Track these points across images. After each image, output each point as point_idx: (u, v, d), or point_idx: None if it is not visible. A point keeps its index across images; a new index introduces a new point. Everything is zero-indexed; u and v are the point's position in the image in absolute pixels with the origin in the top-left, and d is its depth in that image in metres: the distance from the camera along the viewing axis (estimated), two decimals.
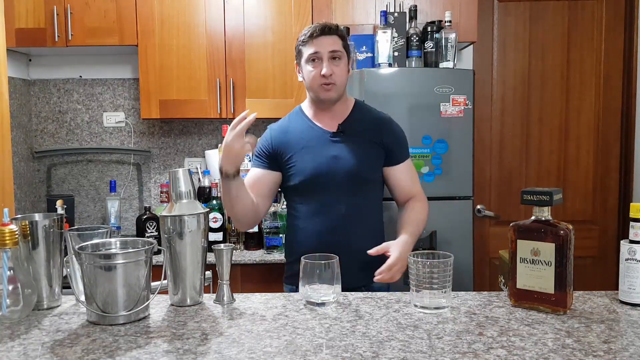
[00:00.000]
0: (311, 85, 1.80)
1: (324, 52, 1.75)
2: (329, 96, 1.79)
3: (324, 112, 1.85)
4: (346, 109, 1.87)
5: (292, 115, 1.94)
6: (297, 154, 1.82)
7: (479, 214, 3.04)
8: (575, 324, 1.23)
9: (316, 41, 1.76)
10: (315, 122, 1.86)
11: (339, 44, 1.78)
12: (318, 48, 1.75)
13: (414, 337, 1.15)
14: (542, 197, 1.32)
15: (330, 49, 1.76)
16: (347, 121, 1.84)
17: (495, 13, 3.05)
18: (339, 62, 1.78)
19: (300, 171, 1.81)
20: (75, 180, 3.11)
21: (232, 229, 2.67)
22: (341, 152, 1.80)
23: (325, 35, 1.76)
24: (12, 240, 1.27)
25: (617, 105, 3.09)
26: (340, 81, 1.79)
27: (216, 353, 1.08)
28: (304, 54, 1.79)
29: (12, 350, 1.11)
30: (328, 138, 1.82)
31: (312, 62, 1.77)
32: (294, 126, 1.88)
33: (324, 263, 1.37)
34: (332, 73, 1.75)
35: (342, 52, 1.79)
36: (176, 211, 1.37)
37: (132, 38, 2.72)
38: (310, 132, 1.84)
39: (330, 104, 1.83)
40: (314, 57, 1.76)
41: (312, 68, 1.77)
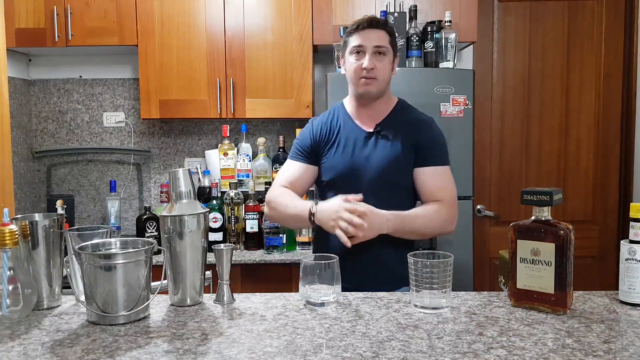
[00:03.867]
0: (352, 77, 1.76)
1: (368, 46, 1.71)
2: (367, 90, 1.74)
3: (363, 109, 1.81)
4: (386, 109, 1.82)
5: (334, 109, 1.89)
6: (332, 150, 1.79)
7: (479, 214, 3.04)
8: (575, 324, 1.23)
9: (362, 33, 1.72)
10: (353, 118, 1.82)
11: (385, 39, 1.74)
12: (363, 41, 1.72)
13: (414, 337, 1.15)
14: (542, 197, 1.31)
15: (376, 43, 1.71)
16: (385, 121, 1.79)
17: (495, 13, 3.05)
18: (383, 57, 1.73)
19: (332, 168, 1.78)
20: (75, 180, 3.11)
21: (232, 229, 2.67)
22: (374, 153, 1.76)
23: (372, 29, 1.72)
24: (12, 240, 1.27)
25: (617, 105, 3.09)
26: (382, 77, 1.74)
27: (216, 353, 1.08)
28: (349, 45, 1.76)
29: (12, 350, 1.11)
30: (363, 137, 1.78)
31: (355, 54, 1.74)
32: (333, 121, 1.84)
33: (324, 263, 1.37)
34: (374, 67, 1.71)
35: (388, 48, 1.74)
36: (176, 211, 1.37)
37: (132, 38, 2.72)
38: (348, 129, 1.80)
39: (370, 99, 1.77)
40: (358, 49, 1.73)
41: (355, 60, 1.74)
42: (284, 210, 1.77)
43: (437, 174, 1.77)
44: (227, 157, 2.83)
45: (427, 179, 1.76)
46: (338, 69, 2.54)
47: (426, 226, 1.72)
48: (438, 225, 1.74)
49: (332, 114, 1.87)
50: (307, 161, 1.83)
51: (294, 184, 1.82)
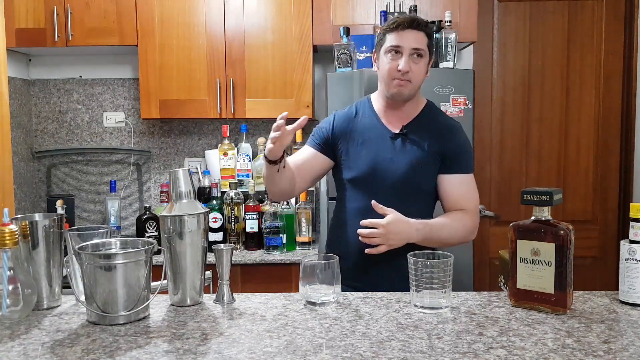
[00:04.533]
0: (385, 77, 1.70)
1: (406, 47, 1.65)
2: (400, 92, 1.69)
3: (391, 109, 1.76)
4: (415, 110, 1.77)
5: (359, 104, 1.84)
6: (355, 147, 1.75)
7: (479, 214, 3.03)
8: (575, 324, 1.23)
9: (402, 34, 1.65)
10: (380, 117, 1.77)
11: (424, 42, 1.68)
12: (401, 41, 1.65)
13: (414, 337, 1.15)
14: (542, 197, 1.31)
15: (414, 45, 1.65)
16: (412, 123, 1.75)
17: (495, 13, 3.05)
18: (420, 60, 1.67)
19: (354, 166, 1.74)
20: (75, 180, 3.11)
21: (232, 229, 2.68)
22: (398, 155, 1.71)
23: (412, 30, 1.66)
24: (12, 240, 1.27)
25: (617, 105, 3.09)
26: (416, 80, 1.69)
27: (216, 353, 1.08)
28: (385, 44, 1.69)
29: (12, 350, 1.11)
30: (389, 138, 1.73)
31: (391, 53, 1.68)
32: (359, 117, 1.79)
33: (324, 263, 1.37)
34: (410, 70, 1.66)
35: (425, 51, 1.69)
36: (176, 211, 1.37)
37: (132, 38, 2.73)
38: (372, 128, 1.75)
39: (400, 101, 1.73)
40: (395, 49, 1.66)
41: (390, 60, 1.68)
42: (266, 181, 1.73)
43: (463, 182, 1.74)
44: (227, 157, 2.83)
45: (453, 188, 1.73)
46: (339, 68, 2.54)
47: (452, 236, 1.69)
48: (462, 235, 1.72)
49: (357, 110, 1.82)
50: (320, 149, 1.79)
51: (300, 168, 1.76)
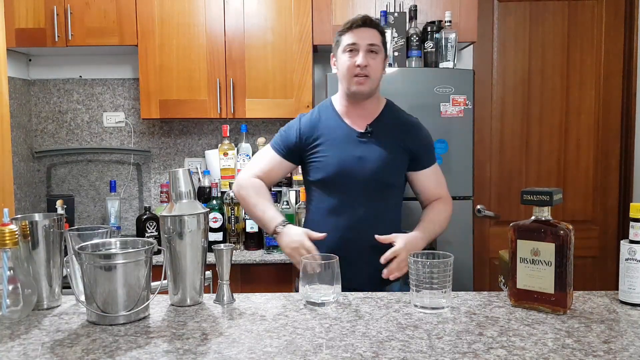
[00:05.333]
0: (345, 75, 1.77)
1: (361, 44, 1.74)
2: (360, 89, 1.76)
3: (354, 108, 1.82)
4: (377, 109, 1.85)
5: (322, 108, 1.90)
6: (323, 150, 1.81)
7: (479, 214, 3.04)
8: (575, 324, 1.23)
9: (356, 32, 1.75)
10: (344, 119, 1.83)
11: (378, 39, 1.77)
12: (356, 39, 1.74)
13: (414, 337, 1.15)
14: (542, 197, 1.32)
15: (369, 41, 1.75)
16: (376, 122, 1.82)
17: (495, 13, 3.05)
18: (376, 56, 1.76)
19: (324, 167, 1.80)
20: (75, 180, 3.11)
21: (232, 229, 2.68)
22: (366, 154, 1.78)
23: (365, 27, 1.75)
24: (12, 240, 1.27)
25: (617, 105, 3.09)
26: (375, 75, 1.76)
27: (216, 353, 1.08)
28: (342, 44, 1.78)
29: (12, 350, 1.11)
30: (355, 137, 1.80)
31: (349, 52, 1.76)
32: (323, 120, 1.85)
33: (324, 263, 1.37)
34: (368, 65, 1.73)
35: (380, 47, 1.78)
36: (176, 211, 1.37)
37: (132, 38, 2.72)
38: (337, 129, 1.82)
39: (361, 98, 1.79)
40: (351, 47, 1.75)
41: (348, 58, 1.75)
42: (252, 209, 1.83)
43: (433, 173, 1.88)
44: (227, 157, 2.83)
45: (427, 180, 1.85)
46: None
47: (442, 226, 1.86)
48: (447, 220, 1.88)
49: (320, 112, 1.88)
50: (287, 157, 1.86)
51: (268, 175, 1.87)
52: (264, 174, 1.85)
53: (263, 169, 1.86)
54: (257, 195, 1.82)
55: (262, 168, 1.86)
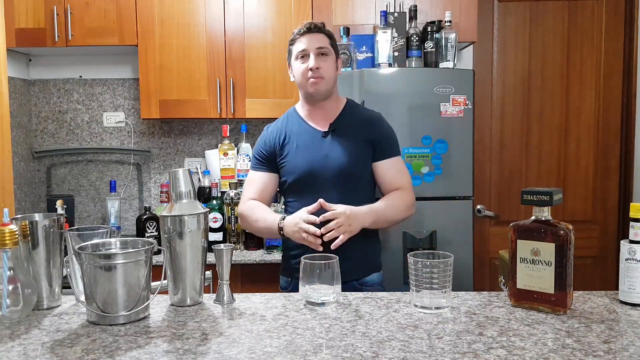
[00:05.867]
0: (300, 80, 1.87)
1: (311, 49, 1.84)
2: (317, 90, 1.84)
3: (316, 110, 1.91)
4: (337, 108, 1.93)
5: (286, 116, 2.00)
6: (290, 153, 1.89)
7: (479, 214, 3.04)
8: (575, 324, 1.23)
9: (303, 38, 1.85)
10: (307, 121, 1.92)
11: (326, 41, 1.87)
12: (305, 45, 1.84)
13: (414, 337, 1.15)
14: (542, 197, 1.32)
15: (317, 45, 1.84)
16: (338, 120, 1.91)
17: (495, 13, 3.05)
18: (326, 58, 1.86)
19: (293, 170, 1.88)
20: (75, 180, 3.11)
21: (232, 229, 2.67)
22: (332, 151, 1.86)
23: (312, 33, 1.85)
24: (12, 240, 1.27)
25: (617, 105, 3.09)
26: (329, 76, 1.85)
27: (216, 353, 1.08)
28: (293, 52, 1.88)
29: (12, 350, 1.11)
30: (320, 137, 1.88)
31: (301, 58, 1.86)
32: (288, 126, 1.94)
33: (324, 263, 1.37)
34: (320, 67, 1.82)
35: (329, 49, 1.87)
36: (176, 211, 1.37)
37: (132, 38, 2.72)
38: (303, 132, 1.91)
39: (320, 98, 1.88)
40: (302, 53, 1.85)
41: (301, 63, 1.85)
42: (256, 225, 1.90)
43: (393, 165, 1.91)
44: (227, 157, 2.83)
45: (386, 171, 1.90)
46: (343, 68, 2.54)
47: (396, 213, 1.86)
48: (404, 210, 1.88)
49: (285, 120, 1.98)
50: (268, 169, 1.94)
51: (261, 195, 1.94)
52: (257, 195, 1.93)
53: (255, 191, 1.94)
54: (253, 213, 1.89)
55: (253, 191, 1.94)
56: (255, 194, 1.93)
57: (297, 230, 1.71)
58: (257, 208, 1.90)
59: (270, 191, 1.96)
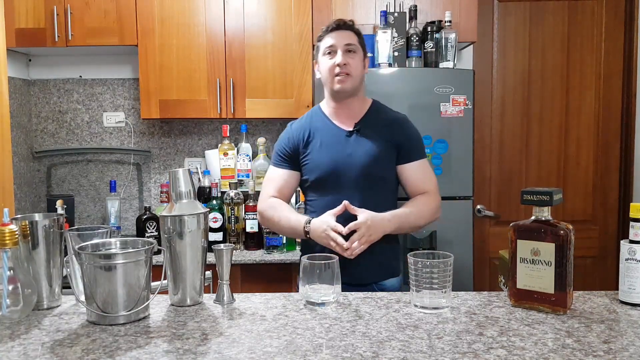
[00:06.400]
0: (327, 76, 1.85)
1: (339, 45, 1.81)
2: (343, 87, 1.82)
3: (341, 109, 1.89)
4: (363, 108, 1.90)
5: (310, 113, 1.97)
6: (314, 151, 1.86)
7: (479, 214, 3.04)
8: (575, 324, 1.23)
9: (332, 34, 1.83)
10: (332, 119, 1.90)
11: (354, 39, 1.85)
12: (334, 41, 1.82)
13: (414, 337, 1.15)
14: (542, 197, 1.31)
15: (346, 41, 1.82)
16: (363, 120, 1.88)
17: (495, 13, 3.05)
18: (354, 55, 1.83)
19: (316, 167, 1.85)
20: (75, 180, 3.11)
21: (232, 229, 2.67)
22: (356, 150, 1.83)
23: (341, 30, 1.84)
24: (12, 240, 1.27)
25: (617, 105, 3.09)
26: (355, 73, 1.83)
27: (216, 353, 1.08)
28: (321, 48, 1.86)
29: (12, 350, 1.11)
30: (344, 136, 1.86)
31: (328, 54, 1.84)
32: (312, 123, 1.91)
33: (324, 263, 1.37)
34: (347, 63, 1.80)
35: (357, 47, 1.85)
36: (176, 211, 1.37)
37: (132, 38, 2.72)
38: (327, 130, 1.88)
39: (345, 96, 1.85)
40: (329, 49, 1.83)
41: (328, 59, 1.83)
42: (278, 224, 1.87)
43: (420, 167, 1.88)
44: (227, 157, 2.83)
45: (412, 174, 1.87)
46: None
47: (420, 218, 1.84)
48: (429, 215, 1.86)
49: (310, 117, 1.96)
50: (290, 167, 1.91)
51: (282, 192, 1.91)
52: (277, 192, 1.90)
53: (276, 188, 1.91)
54: (275, 212, 1.87)
55: (274, 188, 1.91)
56: (275, 191, 1.90)
57: (325, 237, 1.70)
58: (279, 207, 1.86)
59: (291, 189, 1.93)
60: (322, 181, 1.84)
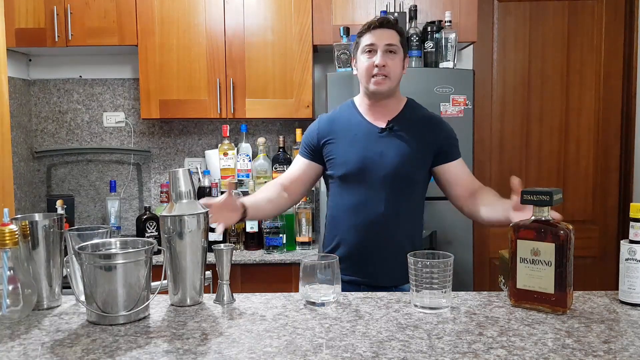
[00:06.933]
0: (363, 75, 1.78)
1: (380, 44, 1.74)
2: (379, 89, 1.76)
3: (375, 107, 1.83)
4: (398, 107, 1.85)
5: (343, 106, 1.92)
6: (343, 145, 1.81)
7: None
8: (575, 324, 1.23)
9: (374, 32, 1.75)
10: (365, 116, 1.84)
11: (396, 38, 1.77)
12: (375, 40, 1.75)
13: (414, 337, 1.15)
14: (542, 197, 1.31)
15: (387, 41, 1.75)
16: (397, 118, 1.82)
17: (495, 13, 3.05)
18: (394, 56, 1.76)
19: (346, 162, 1.80)
20: (75, 180, 3.11)
21: (232, 229, 2.67)
22: (388, 149, 1.78)
23: (383, 28, 1.75)
24: (12, 240, 1.27)
25: (617, 105, 3.09)
26: (394, 75, 1.77)
27: (216, 353, 1.08)
28: (361, 45, 1.79)
29: (12, 350, 1.11)
30: (376, 133, 1.80)
31: (367, 52, 1.76)
32: (343, 116, 1.87)
33: (324, 263, 1.37)
34: (386, 64, 1.74)
35: (399, 47, 1.77)
36: (176, 211, 1.37)
37: (132, 38, 2.72)
38: (359, 125, 1.82)
39: (381, 97, 1.80)
40: (369, 48, 1.76)
41: (367, 58, 1.76)
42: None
43: (464, 165, 1.85)
44: (227, 157, 2.83)
45: (460, 171, 1.83)
46: (339, 68, 2.54)
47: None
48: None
49: (342, 110, 1.90)
50: (312, 158, 1.87)
51: (294, 181, 1.87)
52: (289, 180, 1.87)
53: (290, 175, 1.89)
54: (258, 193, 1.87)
55: (288, 175, 1.89)
56: (287, 178, 1.88)
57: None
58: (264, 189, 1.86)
59: (306, 179, 1.88)
60: (349, 177, 1.79)
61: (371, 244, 1.74)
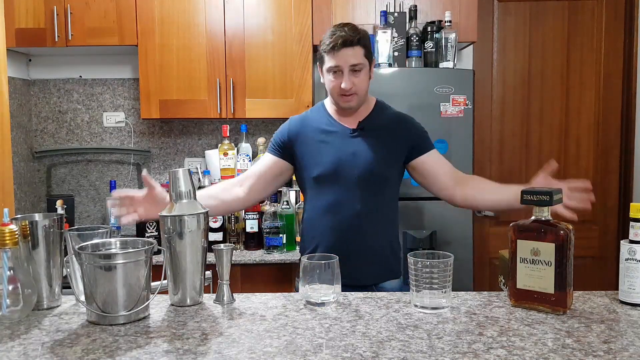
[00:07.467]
0: (332, 93, 1.81)
1: (344, 66, 1.74)
2: (349, 106, 1.80)
3: (345, 111, 1.85)
4: (367, 108, 1.87)
5: (314, 109, 1.94)
6: (315, 147, 1.83)
7: (479, 214, 3.04)
8: (575, 324, 1.23)
9: (337, 54, 1.73)
10: (336, 119, 1.86)
11: (360, 55, 1.75)
12: (339, 62, 1.74)
13: (414, 337, 1.15)
14: (542, 197, 1.31)
15: (351, 62, 1.74)
16: (367, 119, 1.85)
17: (495, 13, 3.05)
18: (359, 73, 1.76)
19: (318, 164, 1.81)
20: (75, 180, 3.11)
21: (232, 229, 2.67)
22: (360, 149, 1.80)
23: (346, 48, 1.73)
24: (12, 240, 1.27)
25: (617, 105, 3.09)
26: (362, 91, 1.79)
27: (216, 353, 1.08)
28: (325, 64, 1.79)
29: (12, 350, 1.11)
30: (348, 134, 1.82)
31: (333, 73, 1.77)
32: (314, 118, 1.88)
33: (324, 263, 1.37)
34: (353, 86, 1.75)
35: (363, 63, 1.76)
36: (176, 211, 1.37)
37: (132, 38, 2.72)
38: (330, 127, 1.84)
39: (352, 112, 1.84)
40: (335, 69, 1.76)
41: (333, 79, 1.78)
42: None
43: (441, 155, 1.87)
44: (227, 157, 2.83)
45: (437, 160, 1.85)
46: None
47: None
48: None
49: (313, 112, 1.92)
50: (280, 155, 1.88)
51: (258, 177, 1.88)
52: (255, 176, 1.88)
53: (254, 171, 1.89)
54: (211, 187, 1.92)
55: (253, 171, 1.90)
56: (252, 173, 1.88)
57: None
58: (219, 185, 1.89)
59: (272, 175, 1.88)
60: (323, 178, 1.81)
61: (349, 244, 1.75)
